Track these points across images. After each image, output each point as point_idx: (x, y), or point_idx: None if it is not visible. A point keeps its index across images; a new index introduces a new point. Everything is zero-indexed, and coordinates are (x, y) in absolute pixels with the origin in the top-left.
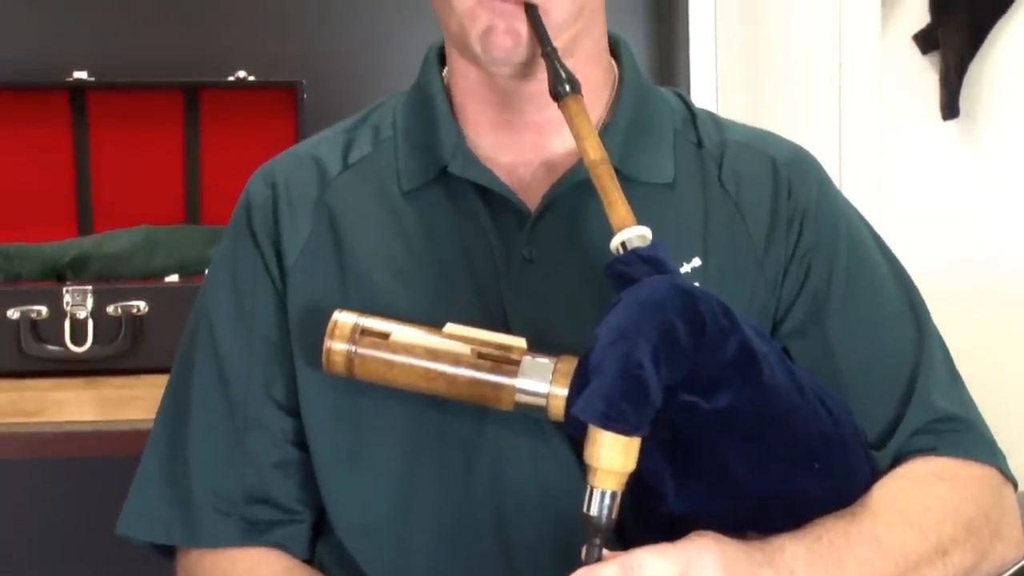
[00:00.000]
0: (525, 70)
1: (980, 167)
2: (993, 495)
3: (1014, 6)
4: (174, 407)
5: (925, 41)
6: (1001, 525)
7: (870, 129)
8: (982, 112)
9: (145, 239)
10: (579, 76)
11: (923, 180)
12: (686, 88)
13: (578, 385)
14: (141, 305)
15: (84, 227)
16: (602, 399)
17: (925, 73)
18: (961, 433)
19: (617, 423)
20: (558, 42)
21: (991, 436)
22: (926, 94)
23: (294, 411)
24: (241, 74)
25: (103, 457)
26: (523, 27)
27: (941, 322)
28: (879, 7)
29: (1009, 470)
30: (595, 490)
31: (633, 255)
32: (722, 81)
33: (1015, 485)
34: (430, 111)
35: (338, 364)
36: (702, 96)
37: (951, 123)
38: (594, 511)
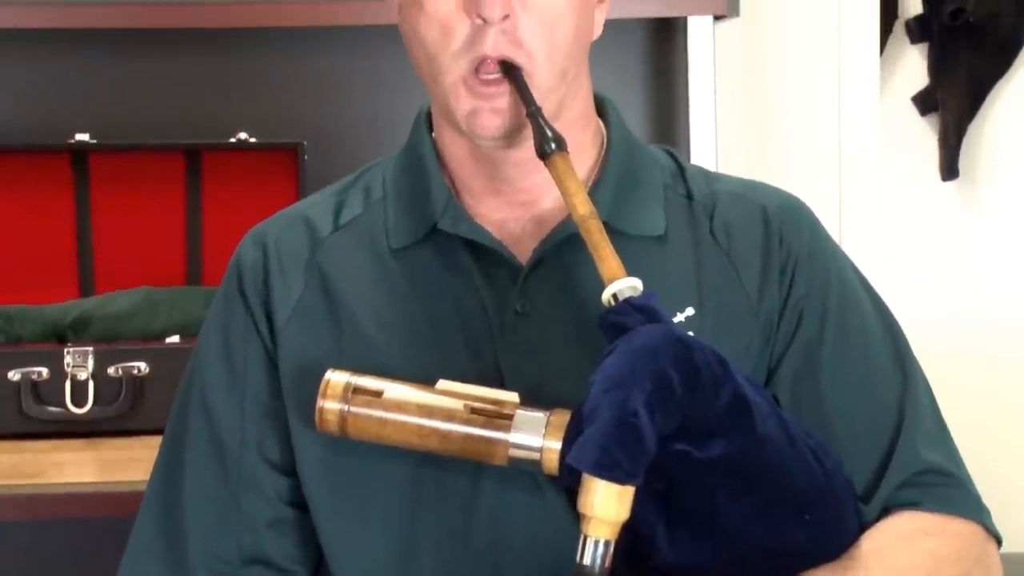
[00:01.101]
0: (510, 140)
1: (980, 228)
2: (978, 551)
3: (1012, 68)
4: (167, 469)
5: (924, 102)
6: None
7: (870, 189)
8: (981, 173)
9: (146, 300)
10: (567, 139)
11: (923, 241)
12: (686, 152)
13: (572, 437)
14: (142, 366)
15: (85, 288)
16: (596, 447)
17: (924, 134)
18: (947, 488)
19: (611, 471)
20: (544, 106)
21: (976, 491)
22: (925, 155)
23: (288, 470)
24: (242, 135)
25: (103, 518)
26: (506, 104)
27: (937, 381)
28: (878, 68)
29: (994, 526)
30: (588, 539)
31: (627, 305)
32: (722, 144)
33: (999, 542)
34: (421, 171)
35: (331, 423)
36: (702, 159)
37: (950, 184)
38: (587, 560)
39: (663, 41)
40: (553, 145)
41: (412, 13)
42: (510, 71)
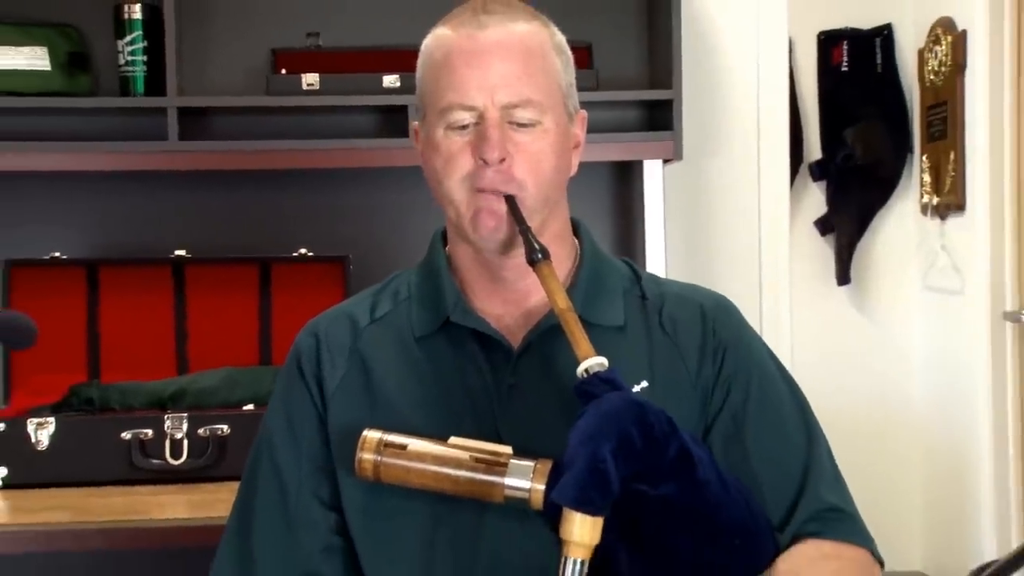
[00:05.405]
0: (506, 248)
1: (866, 322)
2: (867, 572)
3: (891, 200)
4: (242, 511)
5: (824, 225)
6: None
7: (782, 291)
8: (867, 280)
9: (228, 377)
10: (549, 250)
11: (824, 331)
12: (642, 261)
13: (553, 481)
14: (225, 428)
15: (181, 368)
16: (574, 487)
17: (824, 250)
18: (842, 522)
19: (586, 506)
20: (531, 223)
21: (864, 525)
22: (825, 265)
23: (336, 506)
24: (302, 250)
25: (194, 547)
26: (503, 210)
27: (832, 436)
28: (788, 200)
29: (878, 552)
30: (568, 559)
31: (595, 378)
32: (670, 255)
33: (882, 564)
34: (436, 276)
35: (367, 471)
36: (655, 267)
37: (844, 288)
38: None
39: (624, 179)
40: (539, 255)
41: (431, 155)
42: (506, 199)
